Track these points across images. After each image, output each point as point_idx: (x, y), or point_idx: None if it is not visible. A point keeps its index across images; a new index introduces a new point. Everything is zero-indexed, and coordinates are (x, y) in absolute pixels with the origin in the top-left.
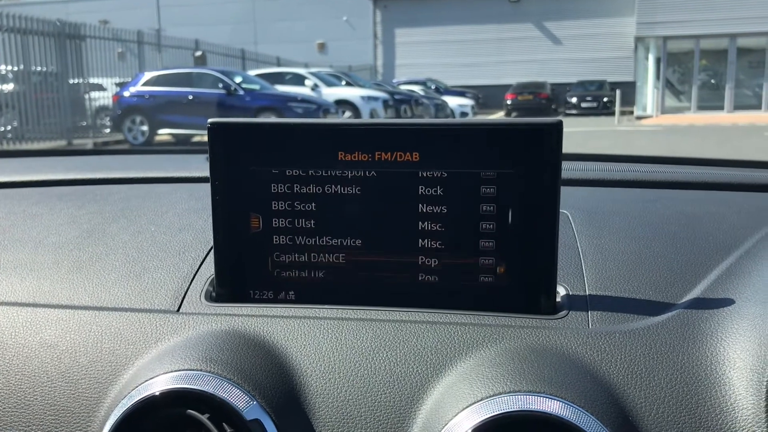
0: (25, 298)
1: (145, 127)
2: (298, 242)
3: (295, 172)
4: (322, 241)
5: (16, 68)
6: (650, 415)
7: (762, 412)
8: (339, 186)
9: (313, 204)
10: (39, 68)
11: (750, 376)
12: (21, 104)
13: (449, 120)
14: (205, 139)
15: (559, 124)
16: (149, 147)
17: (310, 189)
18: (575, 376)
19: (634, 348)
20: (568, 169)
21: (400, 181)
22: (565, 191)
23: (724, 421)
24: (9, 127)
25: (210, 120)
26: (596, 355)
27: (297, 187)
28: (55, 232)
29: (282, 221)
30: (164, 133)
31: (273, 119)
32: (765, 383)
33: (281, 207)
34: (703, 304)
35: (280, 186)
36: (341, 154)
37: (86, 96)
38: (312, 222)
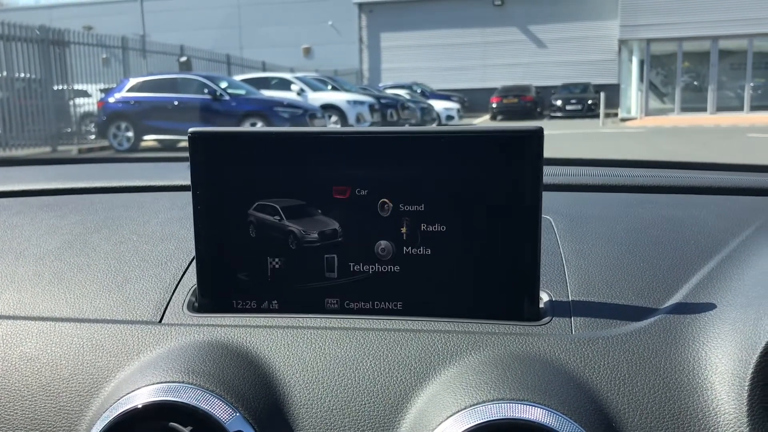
0: (5, 310)
1: (130, 133)
2: (280, 251)
3: (279, 181)
4: (305, 249)
5: None
6: (633, 421)
7: (744, 417)
8: (322, 194)
9: (295, 212)
10: (23, 75)
11: (732, 381)
12: (5, 111)
13: (430, 127)
14: None
15: (540, 131)
16: (131, 156)
17: (292, 197)
18: (558, 383)
19: (616, 354)
20: (550, 174)
21: (381, 185)
22: (547, 196)
23: (706, 426)
24: None
25: (191, 129)
26: (579, 361)
27: (280, 195)
28: (36, 243)
29: (264, 231)
30: (150, 139)
31: (254, 128)
32: (747, 388)
33: (263, 216)
34: (685, 308)
35: (263, 194)
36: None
37: (71, 102)
38: (295, 229)
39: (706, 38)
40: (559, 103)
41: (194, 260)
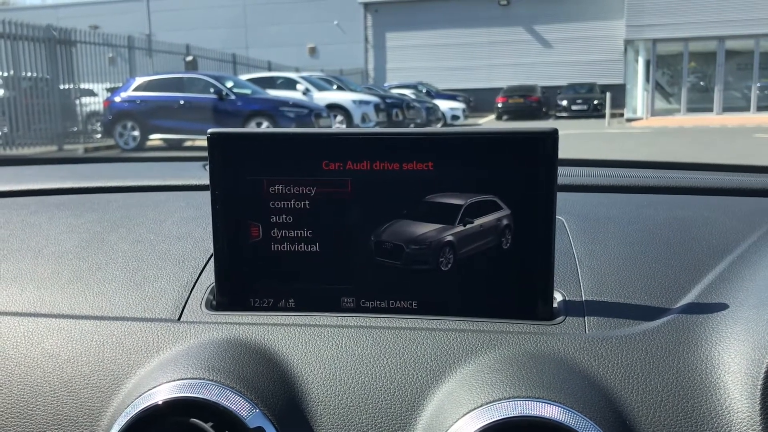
0: (25, 308)
1: (136, 132)
2: (296, 250)
3: (295, 181)
4: (321, 248)
5: (6, 74)
6: (647, 419)
7: (757, 416)
8: (337, 194)
9: (312, 212)
10: (29, 74)
11: (745, 380)
12: (11, 110)
13: (445, 129)
14: (197, 143)
15: (555, 132)
16: (144, 155)
17: (308, 197)
18: (573, 382)
19: (630, 353)
20: (562, 174)
21: (396, 186)
22: (559, 197)
23: (719, 425)
24: (0, 133)
25: (210, 130)
26: (593, 360)
27: (296, 195)
28: (55, 242)
29: (281, 229)
30: (155, 138)
31: (272, 129)
32: (760, 387)
33: (280, 215)
34: (697, 308)
35: (279, 194)
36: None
37: (77, 101)
38: (310, 230)
39: (712, 38)
40: (564, 103)
41: (211, 259)
